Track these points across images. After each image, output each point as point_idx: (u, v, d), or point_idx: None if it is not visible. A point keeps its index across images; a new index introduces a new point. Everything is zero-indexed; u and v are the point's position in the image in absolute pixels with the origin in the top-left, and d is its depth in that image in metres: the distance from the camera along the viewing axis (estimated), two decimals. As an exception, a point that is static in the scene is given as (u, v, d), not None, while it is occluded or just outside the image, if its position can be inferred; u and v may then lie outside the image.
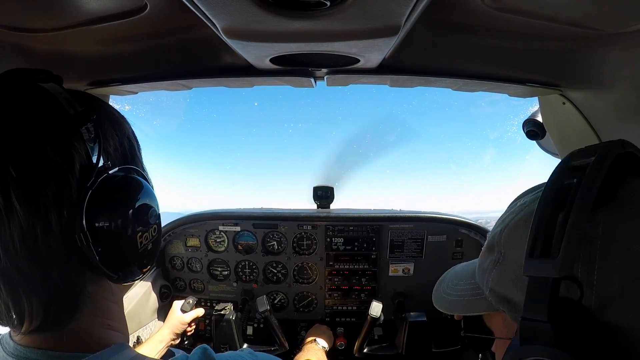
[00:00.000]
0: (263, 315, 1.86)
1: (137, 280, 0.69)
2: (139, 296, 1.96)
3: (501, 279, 0.61)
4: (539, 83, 1.14)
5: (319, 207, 2.22)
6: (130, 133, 0.70)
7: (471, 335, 0.82)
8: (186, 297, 1.95)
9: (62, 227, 0.53)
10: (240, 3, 0.65)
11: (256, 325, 2.18)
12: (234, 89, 1.27)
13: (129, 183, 0.63)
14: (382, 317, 1.84)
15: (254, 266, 2.16)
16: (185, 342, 2.04)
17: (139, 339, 1.87)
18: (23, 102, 0.56)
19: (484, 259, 0.68)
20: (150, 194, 0.66)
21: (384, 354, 2.01)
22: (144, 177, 0.68)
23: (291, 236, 2.11)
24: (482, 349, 0.85)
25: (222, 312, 1.96)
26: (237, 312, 1.98)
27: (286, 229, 2.10)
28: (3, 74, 0.58)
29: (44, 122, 0.54)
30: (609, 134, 1.14)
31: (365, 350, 1.98)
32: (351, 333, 2.08)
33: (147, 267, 0.69)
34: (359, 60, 0.99)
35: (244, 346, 1.94)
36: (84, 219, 0.54)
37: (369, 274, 2.13)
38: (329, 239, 2.09)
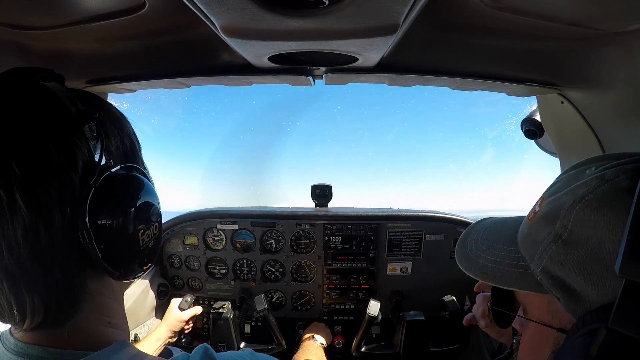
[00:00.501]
0: (261, 314, 1.86)
1: (137, 277, 0.69)
2: (137, 294, 1.96)
3: (563, 260, 0.52)
4: (537, 82, 1.14)
5: (317, 205, 2.22)
6: (131, 131, 0.71)
7: (501, 311, 0.72)
8: (184, 295, 1.95)
9: (64, 224, 0.53)
10: (238, 1, 0.65)
11: (254, 323, 2.18)
12: (232, 88, 1.27)
13: (130, 181, 0.64)
14: (380, 316, 1.84)
15: (252, 264, 2.16)
16: (183, 340, 2.04)
17: (136, 337, 1.87)
18: (26, 100, 0.56)
19: (538, 229, 0.58)
20: (151, 192, 0.67)
21: (382, 352, 2.01)
22: (145, 176, 0.69)
23: (289, 235, 2.11)
24: (507, 324, 0.77)
25: (220, 311, 1.96)
26: (235, 310, 1.98)
27: (284, 228, 2.10)
28: (5, 72, 0.59)
29: (47, 121, 0.55)
30: (607, 133, 1.14)
31: (362, 349, 1.98)
32: (349, 332, 2.08)
33: (148, 265, 0.70)
34: (357, 59, 0.99)
35: (242, 345, 1.94)
36: (87, 216, 0.55)
37: (366, 273, 2.13)
38: (327, 238, 2.09)
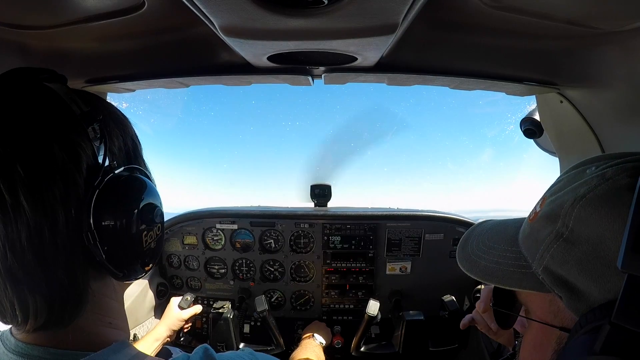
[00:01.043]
0: (261, 315, 1.86)
1: (139, 278, 0.69)
2: (136, 294, 1.96)
3: (565, 259, 0.52)
4: (536, 81, 1.15)
5: (316, 205, 2.21)
6: (133, 133, 0.71)
7: (503, 311, 0.73)
8: (184, 294, 1.95)
9: (68, 225, 0.53)
10: (237, 1, 0.65)
11: (253, 323, 2.18)
12: (231, 87, 1.27)
13: (134, 182, 0.64)
14: (380, 316, 1.85)
15: (251, 264, 2.16)
16: (181, 338, 2.04)
17: (135, 337, 1.86)
18: (30, 101, 0.56)
19: (539, 228, 0.58)
20: (154, 193, 0.67)
21: (381, 352, 2.01)
22: (148, 177, 0.69)
23: (288, 234, 2.10)
24: (509, 325, 0.78)
25: (220, 311, 1.96)
26: (234, 310, 1.98)
27: (283, 227, 2.10)
28: (7, 73, 0.58)
29: (51, 122, 0.55)
30: (606, 132, 1.14)
31: (362, 348, 1.98)
32: (348, 331, 2.08)
33: (150, 265, 0.70)
34: (356, 59, 0.99)
35: (241, 345, 1.94)
36: (91, 218, 0.55)
37: (366, 273, 2.13)
38: (326, 237, 2.08)
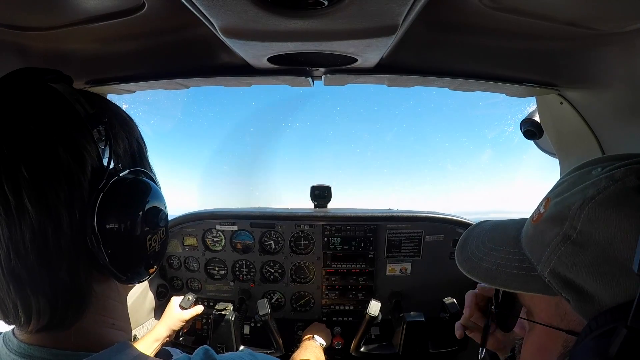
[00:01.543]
0: (263, 318, 1.86)
1: (143, 281, 0.69)
2: (136, 295, 1.95)
3: (573, 261, 0.51)
4: (536, 83, 1.15)
5: (316, 206, 2.21)
6: (138, 134, 0.70)
7: (505, 313, 0.71)
8: (185, 294, 1.94)
9: (72, 228, 0.53)
10: (238, 2, 0.65)
11: (253, 324, 2.18)
12: (231, 89, 1.27)
13: (139, 185, 0.64)
14: (380, 317, 1.85)
15: (251, 265, 2.15)
16: (181, 338, 2.04)
17: (135, 338, 1.86)
18: (35, 102, 0.55)
19: (544, 230, 0.57)
20: (159, 196, 0.66)
21: (381, 353, 2.01)
22: (152, 180, 0.68)
23: (288, 236, 2.10)
24: (510, 327, 0.77)
25: (222, 312, 1.95)
26: (234, 311, 1.97)
27: (283, 229, 2.10)
28: (12, 73, 0.58)
29: (56, 124, 0.54)
30: (607, 133, 1.14)
31: (362, 349, 1.98)
32: (348, 333, 2.08)
33: (154, 268, 0.69)
34: (356, 60, 0.99)
35: (241, 347, 1.93)
36: (95, 220, 0.54)
37: (366, 274, 2.13)
38: (326, 239, 2.08)
